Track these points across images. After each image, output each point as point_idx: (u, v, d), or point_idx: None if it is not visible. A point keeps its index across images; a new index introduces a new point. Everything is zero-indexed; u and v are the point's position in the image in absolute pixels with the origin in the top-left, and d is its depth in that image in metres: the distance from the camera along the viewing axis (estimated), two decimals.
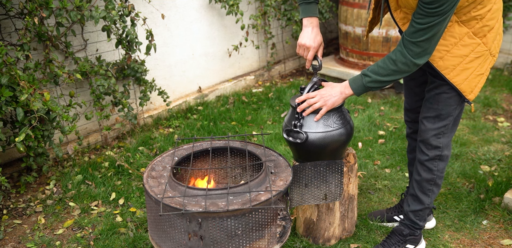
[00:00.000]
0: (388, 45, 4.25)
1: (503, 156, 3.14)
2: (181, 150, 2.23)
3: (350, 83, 1.92)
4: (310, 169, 2.02)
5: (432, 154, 2.03)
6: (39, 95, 2.58)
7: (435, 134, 1.99)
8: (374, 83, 1.85)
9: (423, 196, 2.13)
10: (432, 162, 2.05)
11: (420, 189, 2.12)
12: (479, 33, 1.80)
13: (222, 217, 1.71)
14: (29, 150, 2.64)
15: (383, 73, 1.82)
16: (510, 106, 3.98)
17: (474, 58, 1.83)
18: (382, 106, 4.04)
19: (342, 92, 1.95)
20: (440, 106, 1.94)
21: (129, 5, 3.10)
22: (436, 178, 2.08)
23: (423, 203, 2.15)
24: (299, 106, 1.99)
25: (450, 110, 1.94)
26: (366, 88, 1.88)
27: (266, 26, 4.62)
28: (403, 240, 2.21)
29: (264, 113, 3.96)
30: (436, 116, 1.96)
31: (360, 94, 1.93)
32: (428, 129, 2.00)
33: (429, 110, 1.98)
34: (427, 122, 2.00)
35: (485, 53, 1.84)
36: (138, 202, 2.74)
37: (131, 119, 3.38)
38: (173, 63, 3.96)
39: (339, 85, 1.96)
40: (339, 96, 1.95)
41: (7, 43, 2.71)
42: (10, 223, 2.58)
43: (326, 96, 1.96)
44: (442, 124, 1.97)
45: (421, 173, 2.09)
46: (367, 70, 1.87)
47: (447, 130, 1.99)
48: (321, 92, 1.97)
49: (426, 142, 2.02)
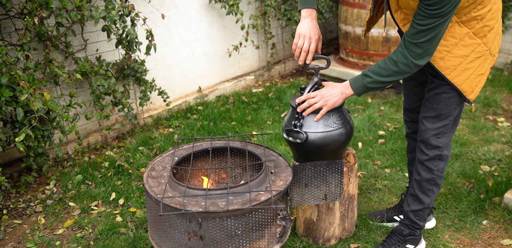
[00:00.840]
0: (388, 45, 4.25)
1: (503, 156, 3.14)
2: (181, 150, 2.23)
3: (351, 83, 1.92)
4: (310, 169, 2.02)
5: (432, 153, 2.03)
6: (39, 95, 2.58)
7: (435, 134, 1.99)
8: (375, 83, 1.85)
9: (423, 196, 2.13)
10: (432, 162, 2.05)
11: (420, 189, 2.12)
12: (480, 33, 1.80)
13: (222, 217, 1.71)
14: (29, 150, 2.64)
15: (384, 74, 1.82)
16: (510, 106, 3.98)
17: (475, 58, 1.84)
18: (382, 106, 4.04)
19: (342, 92, 1.95)
20: (440, 106, 1.94)
21: (129, 5, 3.10)
22: (436, 177, 2.08)
23: (423, 203, 2.15)
24: (299, 106, 1.99)
25: (450, 110, 1.94)
26: (366, 88, 1.88)
27: (266, 26, 4.62)
28: (403, 240, 2.21)
29: (264, 113, 3.96)
30: (436, 116, 1.97)
31: (361, 95, 1.93)
32: (428, 128, 2.00)
33: (429, 110, 1.98)
34: (427, 122, 2.00)
35: (486, 53, 1.84)
36: (138, 202, 2.74)
37: (131, 119, 3.38)
38: (173, 63, 3.96)
39: (339, 85, 1.96)
40: (340, 97, 1.95)
41: (7, 43, 2.71)
42: (10, 223, 2.58)
43: (326, 96, 1.96)
44: (442, 123, 1.97)
45: (421, 172, 2.09)
46: (368, 71, 1.87)
47: (447, 130, 1.99)
48: (321, 92, 1.97)
49: (426, 141, 2.02)
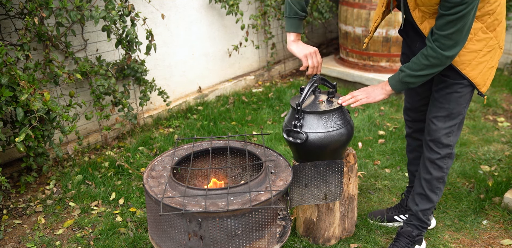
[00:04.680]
0: (388, 45, 4.25)
1: (503, 156, 3.14)
2: (181, 150, 2.23)
3: (389, 79, 1.98)
4: (310, 169, 2.02)
5: (443, 152, 2.05)
6: (39, 95, 2.58)
7: (446, 133, 2.02)
8: (409, 78, 1.89)
9: (432, 194, 2.15)
10: (443, 160, 2.08)
11: (430, 187, 2.14)
12: (491, 27, 1.84)
13: (222, 217, 1.71)
14: (29, 150, 2.64)
15: (416, 68, 1.86)
16: (510, 106, 3.98)
17: (487, 52, 1.88)
18: (382, 106, 4.04)
19: (383, 87, 2.01)
20: (451, 105, 1.97)
21: (129, 5, 3.10)
22: (444, 175, 2.12)
23: (433, 201, 2.16)
24: (343, 99, 2.04)
25: (461, 109, 1.98)
26: (402, 83, 1.92)
27: (266, 26, 4.62)
28: (412, 241, 2.21)
29: (264, 113, 3.96)
30: (447, 115, 1.99)
31: (399, 91, 1.97)
32: (439, 128, 2.02)
33: (439, 110, 2.00)
34: (437, 121, 2.02)
35: (495, 46, 1.89)
36: (138, 202, 2.74)
37: (131, 119, 3.38)
38: (173, 63, 3.96)
39: (380, 83, 2.03)
40: (381, 91, 2.01)
41: (7, 43, 2.71)
42: (10, 223, 2.58)
43: (369, 91, 2.02)
44: (453, 122, 2.00)
45: (432, 171, 2.10)
46: (404, 66, 1.91)
47: (456, 129, 2.03)
48: (366, 89, 2.04)
49: (437, 140, 2.04)
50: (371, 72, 4.37)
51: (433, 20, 1.87)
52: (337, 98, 2.10)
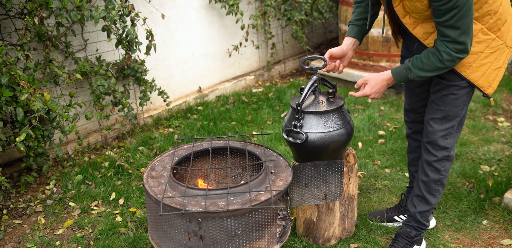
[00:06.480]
0: (388, 45, 4.25)
1: (503, 156, 3.14)
2: (181, 150, 2.23)
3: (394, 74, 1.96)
4: (310, 169, 2.02)
5: (440, 154, 2.04)
6: (39, 95, 2.58)
7: (443, 135, 2.01)
8: (417, 77, 1.89)
9: (430, 196, 2.14)
10: (440, 163, 2.06)
11: (427, 190, 2.13)
12: (494, 27, 1.82)
13: (222, 217, 1.71)
14: (29, 150, 2.64)
15: (428, 69, 1.84)
16: (510, 106, 3.98)
17: (490, 54, 1.86)
18: (382, 106, 4.04)
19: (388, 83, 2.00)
20: (447, 107, 1.96)
21: (129, 5, 3.10)
22: (443, 178, 2.10)
23: (431, 204, 2.15)
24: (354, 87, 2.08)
25: (457, 111, 1.96)
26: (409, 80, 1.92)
27: (266, 26, 4.62)
28: (411, 241, 2.21)
29: (264, 113, 3.96)
30: (444, 117, 1.98)
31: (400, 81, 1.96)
32: (436, 130, 2.01)
33: (436, 112, 1.99)
34: (434, 123, 2.01)
35: (501, 46, 1.86)
36: (138, 202, 2.74)
37: (131, 119, 3.38)
38: (173, 63, 3.96)
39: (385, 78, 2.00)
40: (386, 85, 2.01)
41: (7, 43, 2.71)
42: (10, 223, 2.58)
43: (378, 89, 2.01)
44: (449, 124, 1.99)
45: (429, 173, 2.09)
46: (411, 65, 1.89)
47: (454, 131, 2.01)
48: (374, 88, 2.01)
49: (434, 143, 2.03)
50: (371, 72, 4.36)
51: (426, 25, 1.86)
52: (338, 98, 2.10)
